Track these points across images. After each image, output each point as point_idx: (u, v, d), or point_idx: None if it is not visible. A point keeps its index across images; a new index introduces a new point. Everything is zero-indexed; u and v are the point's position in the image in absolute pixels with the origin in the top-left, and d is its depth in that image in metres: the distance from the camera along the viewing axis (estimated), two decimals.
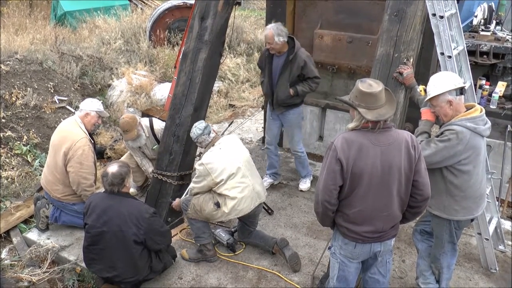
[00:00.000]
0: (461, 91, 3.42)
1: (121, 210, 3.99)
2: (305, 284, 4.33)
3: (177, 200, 4.79)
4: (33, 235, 5.10)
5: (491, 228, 4.42)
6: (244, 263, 4.62)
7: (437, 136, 3.45)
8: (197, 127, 4.44)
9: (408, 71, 3.95)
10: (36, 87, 7.29)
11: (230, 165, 4.29)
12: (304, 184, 5.91)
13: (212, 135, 4.47)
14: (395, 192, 3.07)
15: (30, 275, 4.52)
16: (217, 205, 4.30)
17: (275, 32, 4.99)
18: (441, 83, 3.42)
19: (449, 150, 3.37)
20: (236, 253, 4.74)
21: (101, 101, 8.06)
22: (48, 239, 4.98)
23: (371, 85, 3.03)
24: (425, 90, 3.61)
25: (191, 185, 4.53)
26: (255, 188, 4.44)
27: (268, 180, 5.93)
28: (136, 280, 4.17)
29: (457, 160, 3.40)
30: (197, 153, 5.41)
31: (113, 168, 4.02)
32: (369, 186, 3.02)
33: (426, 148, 3.42)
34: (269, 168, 5.99)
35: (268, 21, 6.48)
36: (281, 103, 5.36)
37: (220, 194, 4.30)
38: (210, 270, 4.55)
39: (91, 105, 4.95)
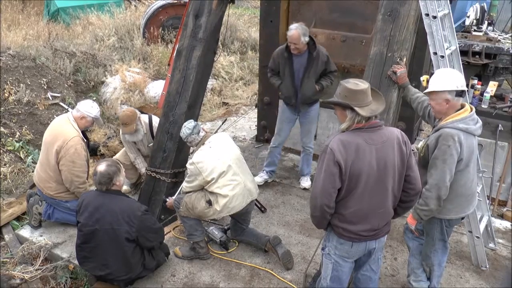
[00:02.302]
0: (460, 93, 3.44)
1: (113, 208, 3.99)
2: (297, 282, 4.35)
3: (171, 199, 4.80)
4: (25, 232, 5.08)
5: (482, 226, 4.47)
6: (237, 261, 4.63)
7: (434, 148, 3.43)
8: (186, 127, 4.45)
9: (401, 70, 3.97)
10: (29, 83, 7.25)
11: (220, 164, 4.29)
12: (306, 182, 5.93)
13: (202, 134, 4.48)
14: (390, 189, 3.10)
15: (23, 273, 4.50)
16: (209, 203, 4.31)
17: (301, 32, 4.94)
18: (444, 80, 3.42)
19: (454, 158, 3.36)
20: (229, 250, 4.75)
21: (95, 98, 8.07)
22: (41, 236, 4.97)
23: (358, 83, 3.05)
24: (427, 81, 3.60)
25: (184, 184, 4.54)
26: (246, 185, 4.45)
27: (264, 176, 5.95)
28: (129, 278, 4.18)
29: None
30: (191, 151, 5.41)
31: (101, 167, 4.01)
32: (366, 186, 3.03)
33: (433, 173, 3.41)
34: (268, 166, 5.97)
35: (262, 20, 6.51)
36: (307, 100, 5.38)
37: (211, 192, 4.31)
38: (203, 267, 4.56)
39: (91, 110, 4.91)
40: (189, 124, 4.46)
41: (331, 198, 3.03)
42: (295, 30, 4.96)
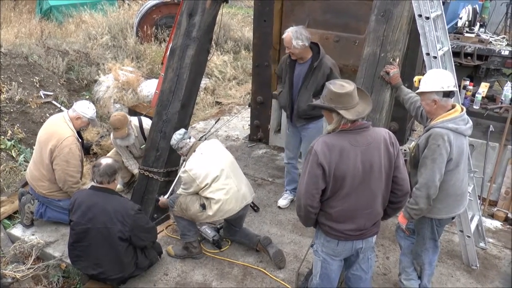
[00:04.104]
0: (448, 94, 3.47)
1: (106, 207, 3.98)
2: (290, 281, 4.36)
3: (164, 197, 4.80)
4: (17, 231, 5.05)
5: (473, 225, 4.50)
6: (230, 260, 4.64)
7: (424, 148, 3.46)
8: (177, 133, 4.48)
9: (394, 70, 4.00)
10: (21, 81, 7.21)
11: (213, 169, 4.29)
12: None
13: (193, 139, 4.51)
14: (377, 190, 3.11)
15: (14, 272, 4.46)
16: (203, 206, 4.30)
17: (293, 36, 4.65)
18: (432, 81, 3.46)
19: (444, 157, 3.39)
20: (221, 249, 4.76)
21: (88, 96, 8.04)
22: (33, 235, 4.93)
23: (343, 85, 3.04)
24: (419, 81, 3.64)
25: (180, 190, 4.51)
26: (240, 189, 4.41)
27: (288, 197, 5.59)
28: (121, 277, 4.17)
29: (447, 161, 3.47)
30: (181, 161, 5.13)
31: (108, 160, 4.08)
32: (351, 187, 3.04)
33: (423, 172, 3.44)
34: (289, 184, 5.61)
35: (256, 20, 6.52)
36: (302, 114, 4.96)
37: (206, 197, 4.31)
38: (196, 266, 4.56)
39: (87, 111, 4.91)
40: (179, 132, 4.51)
41: (314, 199, 3.06)
42: (288, 33, 4.71)
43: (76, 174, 4.81)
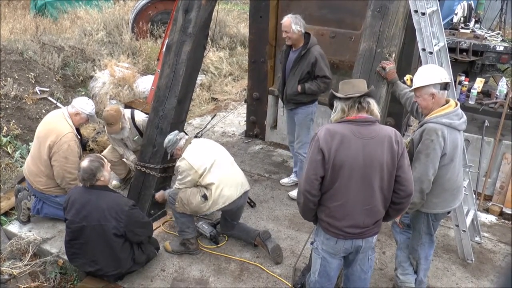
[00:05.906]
0: (445, 86, 3.49)
1: (100, 204, 3.97)
2: (287, 276, 4.38)
3: (161, 192, 4.80)
4: (14, 227, 5.04)
5: (468, 220, 4.53)
6: (227, 255, 4.65)
7: (418, 143, 3.48)
8: (170, 134, 4.57)
9: (390, 66, 4.01)
10: (17, 77, 7.17)
11: (209, 154, 4.40)
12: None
13: (186, 136, 4.62)
14: (376, 186, 3.07)
15: (11, 268, 4.46)
16: (204, 197, 4.33)
17: (293, 21, 4.98)
18: (428, 75, 3.48)
19: (437, 152, 3.41)
20: (218, 245, 4.77)
21: (84, 92, 8.01)
22: (30, 231, 4.93)
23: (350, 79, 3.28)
24: (411, 80, 3.66)
25: (176, 184, 4.51)
26: (237, 176, 4.53)
27: (293, 178, 5.91)
28: (118, 273, 4.18)
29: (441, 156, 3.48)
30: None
31: (84, 163, 4.01)
32: (349, 178, 3.03)
33: (417, 167, 3.46)
34: (295, 165, 5.90)
35: (252, 16, 6.52)
36: (289, 99, 5.32)
37: (206, 188, 4.33)
38: (193, 262, 4.57)
39: (86, 107, 4.91)
40: (171, 133, 4.60)
41: (312, 185, 3.06)
42: (288, 18, 5.02)
43: (74, 171, 4.80)
